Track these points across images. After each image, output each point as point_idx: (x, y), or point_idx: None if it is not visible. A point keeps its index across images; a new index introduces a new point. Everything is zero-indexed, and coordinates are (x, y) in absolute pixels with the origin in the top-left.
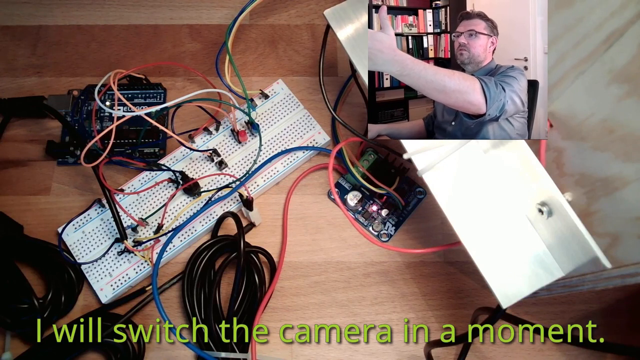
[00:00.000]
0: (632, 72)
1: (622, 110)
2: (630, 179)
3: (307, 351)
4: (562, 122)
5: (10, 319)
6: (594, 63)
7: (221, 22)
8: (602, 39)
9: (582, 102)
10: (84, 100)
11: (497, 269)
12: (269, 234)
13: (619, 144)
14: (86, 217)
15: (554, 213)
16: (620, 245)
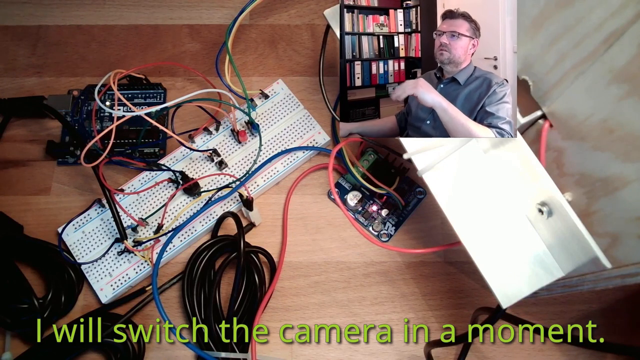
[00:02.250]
0: (632, 72)
1: (622, 110)
2: (630, 179)
3: (307, 351)
4: (562, 122)
5: (10, 319)
6: (594, 63)
7: (221, 22)
8: (602, 39)
9: (582, 102)
10: (84, 100)
11: (497, 269)
12: (269, 234)
13: (619, 144)
14: (86, 217)
15: (554, 213)
16: (620, 245)
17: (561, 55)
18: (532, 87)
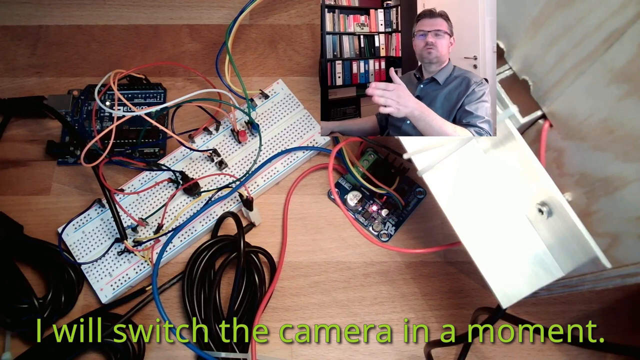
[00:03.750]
0: (632, 72)
1: (622, 110)
2: (630, 179)
3: (307, 351)
4: (562, 122)
5: (10, 319)
6: (594, 63)
7: (221, 22)
8: (602, 39)
9: (582, 102)
10: (84, 100)
11: (497, 269)
12: (269, 234)
13: (619, 144)
14: (86, 217)
15: (554, 213)
16: (620, 245)
17: (561, 55)
18: (532, 87)
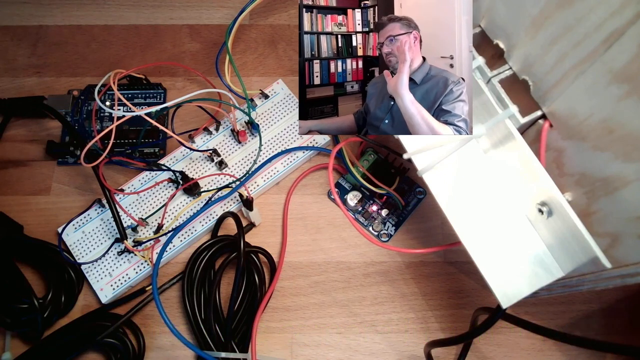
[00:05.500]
0: (632, 72)
1: (622, 110)
2: (630, 179)
3: (307, 351)
4: (562, 122)
5: (10, 319)
6: (594, 63)
7: (221, 22)
8: (602, 39)
9: (582, 102)
10: (84, 100)
11: (497, 269)
12: (269, 234)
13: (619, 144)
14: (86, 217)
15: (554, 213)
16: (620, 245)
17: (561, 55)
18: (532, 87)
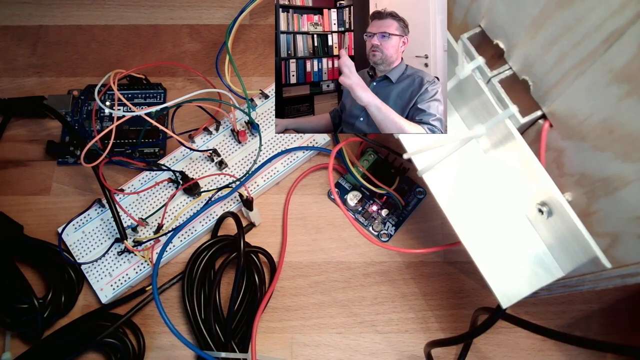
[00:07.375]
0: (632, 72)
1: (622, 110)
2: (630, 179)
3: (307, 351)
4: (562, 122)
5: (10, 319)
6: (594, 63)
7: (221, 22)
8: (602, 39)
9: (582, 102)
10: (84, 100)
11: (497, 269)
12: (269, 234)
13: (619, 144)
14: (86, 217)
15: (554, 213)
16: (620, 245)
17: (561, 55)
18: (532, 87)
